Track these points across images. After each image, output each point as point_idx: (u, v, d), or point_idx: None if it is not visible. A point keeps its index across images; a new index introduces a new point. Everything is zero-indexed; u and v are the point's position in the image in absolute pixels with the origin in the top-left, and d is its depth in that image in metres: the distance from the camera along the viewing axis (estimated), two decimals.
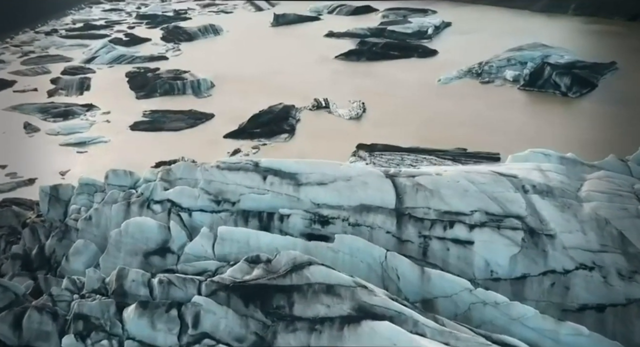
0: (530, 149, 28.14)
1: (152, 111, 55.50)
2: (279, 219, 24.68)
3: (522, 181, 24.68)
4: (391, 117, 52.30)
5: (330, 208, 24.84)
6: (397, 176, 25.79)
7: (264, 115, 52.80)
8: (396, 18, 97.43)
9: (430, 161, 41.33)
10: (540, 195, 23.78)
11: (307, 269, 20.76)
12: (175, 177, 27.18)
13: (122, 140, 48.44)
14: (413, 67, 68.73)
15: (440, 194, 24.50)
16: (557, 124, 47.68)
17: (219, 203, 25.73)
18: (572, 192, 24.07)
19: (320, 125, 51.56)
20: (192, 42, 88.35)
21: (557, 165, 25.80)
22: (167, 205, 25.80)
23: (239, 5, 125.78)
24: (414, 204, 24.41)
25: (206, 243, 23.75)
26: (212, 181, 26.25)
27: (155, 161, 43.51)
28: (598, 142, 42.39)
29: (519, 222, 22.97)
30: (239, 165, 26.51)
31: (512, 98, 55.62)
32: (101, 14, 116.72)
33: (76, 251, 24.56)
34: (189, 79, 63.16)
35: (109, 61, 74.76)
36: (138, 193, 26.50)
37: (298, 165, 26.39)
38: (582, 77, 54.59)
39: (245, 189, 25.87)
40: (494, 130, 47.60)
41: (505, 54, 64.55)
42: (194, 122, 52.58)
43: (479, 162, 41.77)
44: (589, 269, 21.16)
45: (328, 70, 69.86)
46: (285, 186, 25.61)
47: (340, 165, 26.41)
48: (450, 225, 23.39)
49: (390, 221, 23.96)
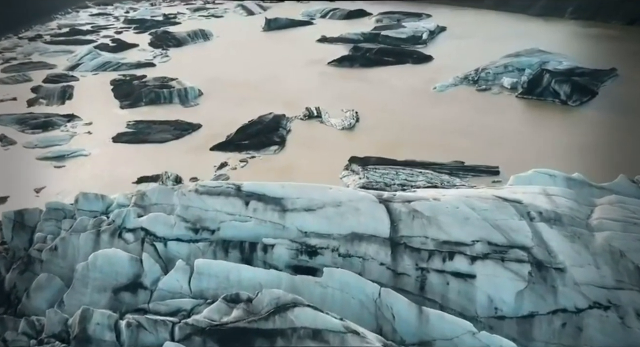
0: (534, 169, 26.20)
1: (136, 122, 53.20)
2: (262, 250, 22.65)
3: (527, 207, 22.73)
4: (385, 127, 50.31)
5: (319, 237, 22.83)
6: (391, 200, 23.77)
7: (253, 126, 50.65)
8: (390, 22, 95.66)
9: (426, 176, 39.34)
10: (548, 223, 21.84)
11: (291, 311, 18.73)
12: (150, 202, 25.04)
13: (103, 153, 46.12)
14: (408, 74, 66.84)
15: (438, 222, 22.52)
16: (558, 134, 45.85)
17: (197, 231, 23.66)
18: (582, 219, 22.12)
19: (311, 136, 49.47)
20: (180, 47, 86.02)
21: (565, 189, 23.84)
22: (141, 234, 23.67)
23: (230, 9, 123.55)
24: (410, 233, 22.46)
25: (182, 278, 21.63)
26: (190, 206, 24.17)
27: (137, 176, 41.35)
28: (602, 154, 40.62)
29: (524, 253, 21.02)
30: (219, 190, 24.44)
31: (510, 107, 53.79)
32: (88, 19, 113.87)
33: (38, 286, 22.34)
34: (176, 87, 60.93)
35: (94, 68, 72.28)
36: (109, 220, 24.30)
37: (284, 189, 24.35)
38: (582, 84, 52.87)
39: (226, 215, 23.82)
40: (492, 141, 45.73)
41: (502, 60, 62.79)
42: (180, 133, 50.32)
43: (478, 176, 39.95)
44: (604, 308, 19.25)
45: (320, 77, 67.85)
46: (270, 212, 23.58)
47: (330, 189, 24.39)
48: (450, 256, 21.44)
49: (385, 252, 22.01)
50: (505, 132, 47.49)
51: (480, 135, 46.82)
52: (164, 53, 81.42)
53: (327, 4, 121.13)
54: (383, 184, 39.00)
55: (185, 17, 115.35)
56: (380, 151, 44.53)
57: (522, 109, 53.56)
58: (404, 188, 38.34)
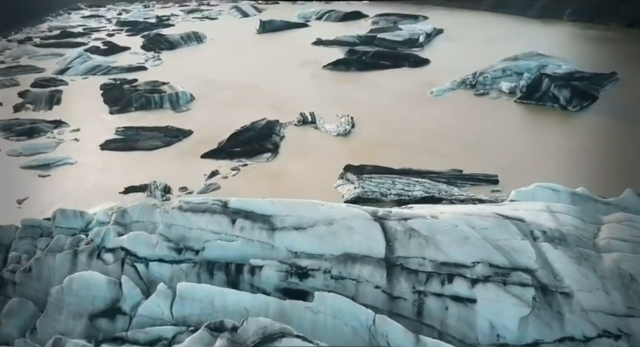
0: (536, 184, 24.94)
1: (125, 128, 51.75)
2: (249, 272, 21.29)
3: (530, 225, 21.45)
4: (381, 133, 49.05)
5: (310, 258, 21.48)
6: (386, 218, 22.44)
7: (246, 132, 49.29)
8: (387, 24, 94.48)
9: (423, 185, 38.06)
10: (552, 243, 20.56)
11: (279, 342, 17.37)
12: (131, 219, 23.65)
13: (90, 161, 44.65)
14: (404, 78, 65.62)
15: (436, 242, 21.20)
16: (558, 141, 44.67)
17: (180, 252, 22.27)
18: (589, 239, 20.85)
19: (305, 143, 48.16)
20: (173, 50, 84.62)
21: (569, 205, 22.56)
22: (121, 254, 22.26)
23: (224, 11, 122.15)
24: (407, 253, 21.13)
25: (163, 302, 20.23)
26: (173, 224, 22.77)
27: (124, 186, 39.94)
28: (604, 162, 39.44)
29: (528, 277, 19.72)
30: (204, 206, 23.06)
31: (508, 112, 52.60)
32: (80, 21, 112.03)
33: (10, 312, 20.91)
34: (167, 92, 59.51)
35: (84, 72, 70.76)
36: (88, 239, 22.90)
37: (272, 206, 22.98)
38: (582, 89, 51.74)
39: (211, 234, 22.44)
40: (491, 147, 44.53)
41: (501, 64, 61.66)
42: (170, 140, 48.89)
43: (476, 185, 38.72)
44: (615, 338, 17.96)
45: (315, 81, 66.57)
46: (258, 231, 22.22)
47: (321, 206, 23.04)
48: (449, 279, 20.13)
49: (380, 274, 20.69)
50: (503, 138, 46.30)
51: (479, 142, 45.61)
52: (156, 56, 79.97)
53: (323, 6, 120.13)
54: (379, 194, 37.72)
55: (179, 19, 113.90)
56: (376, 158, 43.30)
57: (521, 114, 52.38)
58: (400, 198, 37.14)
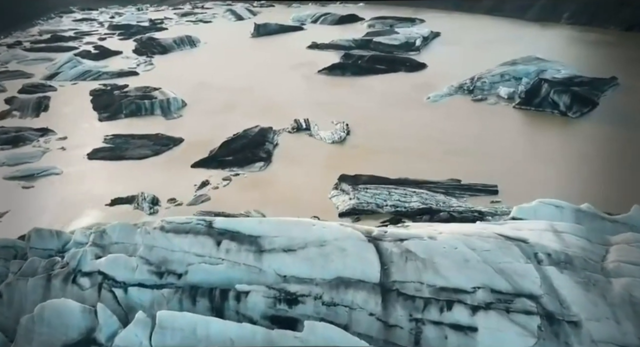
0: (538, 200, 23.66)
1: (114, 136, 50.31)
2: (235, 298, 19.94)
3: (534, 247, 20.13)
4: (377, 140, 47.80)
5: (300, 282, 20.13)
6: (381, 239, 21.10)
7: (238, 140, 47.92)
8: (383, 28, 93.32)
9: (420, 196, 36.78)
10: (558, 267, 19.26)
11: None
12: (110, 240, 22.25)
13: (76, 171, 43.19)
14: (401, 83, 64.42)
15: (434, 265, 19.87)
16: (559, 148, 43.53)
17: (161, 276, 20.88)
18: (597, 262, 19.55)
19: (299, 151, 46.85)
20: (166, 54, 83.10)
21: (575, 225, 21.27)
22: (98, 278, 20.87)
23: (218, 14, 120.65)
24: (403, 277, 19.81)
25: (142, 332, 18.81)
26: (154, 246, 21.38)
27: (111, 198, 38.54)
28: (606, 171, 38.27)
29: (533, 304, 18.39)
30: (187, 227, 21.68)
31: (507, 118, 51.43)
32: (71, 24, 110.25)
33: None
34: (158, 98, 58.09)
35: (73, 77, 69.21)
36: (63, 262, 21.50)
37: (260, 226, 21.62)
38: (582, 95, 50.63)
39: (195, 257, 21.05)
40: (489, 155, 43.34)
41: (499, 69, 60.53)
42: (160, 148, 47.47)
43: (475, 196, 37.47)
44: None
45: (310, 86, 65.28)
46: (244, 253, 20.85)
47: (313, 226, 21.69)
48: (448, 306, 18.81)
49: (374, 300, 19.37)
50: (502, 145, 45.13)
51: (477, 149, 44.42)
52: (148, 61, 78.50)
53: (319, 9, 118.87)
54: (375, 205, 36.43)
55: (173, 23, 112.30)
56: (371, 167, 42.05)
57: (520, 120, 51.22)
58: (397, 209, 35.87)
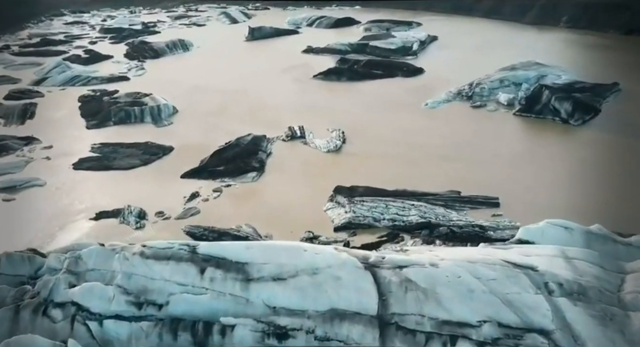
0: (546, 221, 22.16)
1: (101, 144, 48.60)
2: (219, 332, 18.32)
3: (544, 275, 18.59)
4: (373, 149, 46.35)
5: (291, 315, 18.55)
6: (379, 266, 19.54)
7: (230, 149, 46.32)
8: (379, 31, 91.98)
9: (419, 209, 35.27)
10: (571, 298, 17.73)
11: None
12: (85, 267, 20.59)
13: (60, 183, 41.43)
14: (398, 88, 63.01)
15: (436, 296, 18.31)
16: (561, 158, 42.17)
17: (140, 306, 19.24)
18: (613, 293, 18.03)
19: (294, 160, 45.31)
20: (158, 59, 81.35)
21: (586, 250, 19.77)
22: (71, 310, 19.20)
23: (212, 17, 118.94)
24: (403, 310, 18.25)
25: None
26: (134, 274, 19.75)
27: (96, 211, 36.87)
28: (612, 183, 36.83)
29: (545, 340, 16.87)
30: (169, 252, 20.06)
31: (507, 126, 50.07)
32: (62, 28, 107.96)
33: None
34: (148, 105, 56.42)
35: (62, 83, 67.37)
36: (34, 291, 19.85)
37: (248, 252, 20.02)
38: (584, 102, 49.33)
39: (177, 286, 19.46)
40: (490, 165, 41.94)
41: (498, 74, 59.21)
42: (149, 158, 45.81)
43: (476, 209, 35.99)
44: None
45: (305, 92, 63.77)
46: (230, 282, 19.26)
47: (304, 251, 20.11)
48: (452, 341, 17.26)
49: (372, 334, 17.79)
50: (503, 155, 43.75)
51: (477, 159, 43.01)
52: (139, 65, 76.76)
53: (314, 12, 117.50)
54: (371, 219, 34.90)
55: (166, 26, 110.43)
56: (368, 177, 40.59)
57: (521, 128, 49.87)
58: (394, 224, 34.36)
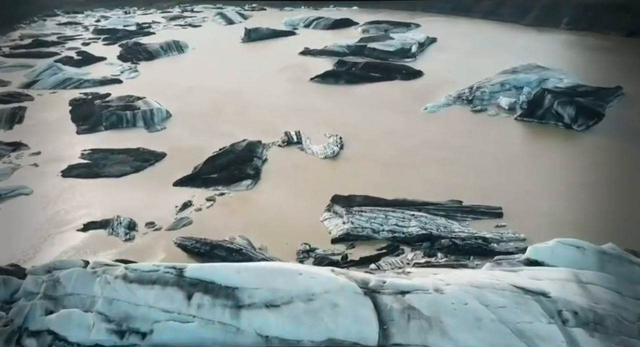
0: (556, 240, 20.88)
1: (92, 150, 47.14)
2: None
3: (557, 302, 17.30)
4: (372, 155, 45.08)
5: (285, 344, 17.21)
6: (380, 291, 18.25)
7: (224, 155, 44.96)
8: (377, 33, 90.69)
9: (419, 220, 33.97)
10: (587, 328, 16.43)
11: None
12: (64, 291, 19.21)
13: (48, 191, 39.97)
14: (396, 92, 61.75)
15: (441, 325, 17.00)
16: (565, 165, 40.99)
17: (122, 335, 17.89)
18: (632, 322, 16.74)
19: (290, 167, 43.98)
20: (152, 61, 79.81)
21: (601, 274, 18.50)
22: (47, 339, 17.82)
23: (208, 18, 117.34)
24: (406, 340, 16.98)
25: None
26: (115, 300, 18.38)
27: (84, 222, 35.47)
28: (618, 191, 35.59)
29: None
30: (154, 276, 18.72)
31: (509, 131, 48.82)
32: (55, 28, 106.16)
33: None
34: (141, 109, 54.96)
35: (53, 85, 65.81)
36: (7, 318, 18.46)
37: (239, 275, 18.71)
38: (587, 107, 48.13)
39: (162, 313, 18.11)
40: (491, 173, 40.70)
41: (498, 78, 58.01)
42: (140, 164, 44.39)
43: (478, 219, 34.73)
44: None
45: (302, 95, 62.41)
46: (220, 308, 17.94)
47: (299, 275, 18.83)
48: None
49: None
50: (505, 161, 42.49)
51: (478, 166, 41.78)
52: (133, 67, 75.22)
53: (311, 13, 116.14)
54: (370, 230, 33.59)
55: (160, 27, 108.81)
56: (366, 185, 39.32)
57: (523, 134, 48.64)
58: (394, 235, 33.05)
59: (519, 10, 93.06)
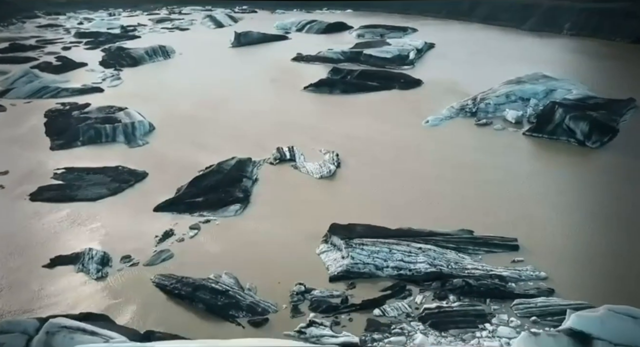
0: (606, 307, 17.37)
1: (66, 169, 43.11)
2: None
3: None
4: (371, 175, 41.64)
5: None
6: None
7: (211, 176, 41.16)
8: (373, 37, 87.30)
9: (427, 255, 30.43)
10: None
11: None
12: None
13: (13, 219, 35.84)
14: (395, 103, 58.28)
15: None
16: (583, 188, 37.93)
17: None
18: None
19: (283, 189, 40.32)
20: (136, 67, 75.61)
21: None
22: None
23: (197, 21, 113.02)
24: None
25: None
26: None
27: (51, 256, 31.46)
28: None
29: None
30: None
31: (518, 148, 45.53)
32: (34, 31, 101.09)
33: None
34: (122, 122, 50.89)
35: (28, 94, 61.46)
36: None
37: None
38: (601, 122, 44.97)
39: None
40: (501, 196, 37.43)
41: (503, 88, 54.77)
42: (119, 186, 40.45)
43: (492, 252, 31.29)
44: None
45: (295, 106, 58.69)
46: None
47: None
48: None
49: None
50: (516, 183, 39.21)
51: (487, 188, 38.45)
52: (115, 74, 70.94)
53: (304, 16, 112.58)
54: (373, 267, 30.01)
55: (146, 30, 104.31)
56: (366, 210, 35.93)
57: (533, 151, 45.39)
58: (400, 273, 29.49)
59: (519, 15, 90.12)
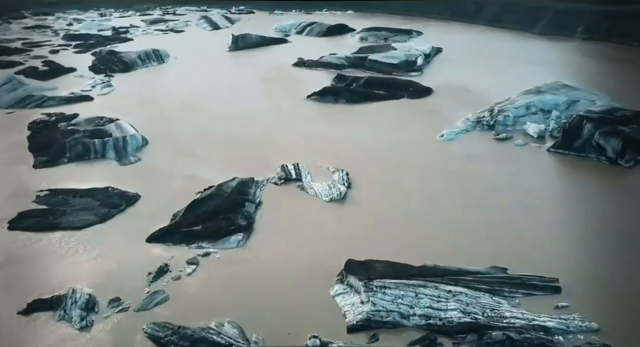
0: None
1: (50, 191, 39.02)
2: None
3: None
4: (385, 196, 38.07)
5: None
6: None
7: (209, 200, 37.25)
8: (377, 41, 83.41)
9: (459, 300, 26.77)
10: None
11: None
12: None
13: None
14: (406, 114, 54.49)
15: None
16: (622, 214, 34.17)
17: None
18: None
19: (289, 215, 36.51)
20: (128, 72, 71.14)
21: None
22: None
23: (192, 22, 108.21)
24: None
25: None
26: None
27: (28, 300, 27.54)
28: None
29: None
30: None
31: (544, 167, 41.87)
32: (21, 33, 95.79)
33: None
34: (112, 136, 46.82)
35: (10, 104, 56.89)
36: None
37: None
38: (634, 138, 41.44)
39: None
40: (533, 224, 33.82)
41: (522, 99, 51.17)
42: (108, 211, 36.41)
43: (531, 295, 27.69)
44: None
45: (298, 117, 54.71)
46: None
47: None
48: None
49: None
50: (547, 209, 35.61)
51: (515, 215, 34.83)
52: (106, 81, 66.52)
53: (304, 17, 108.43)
54: (398, 315, 26.32)
55: (139, 32, 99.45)
56: (382, 239, 32.48)
57: (561, 170, 41.81)
58: (429, 322, 25.84)
59: (528, 17, 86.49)
